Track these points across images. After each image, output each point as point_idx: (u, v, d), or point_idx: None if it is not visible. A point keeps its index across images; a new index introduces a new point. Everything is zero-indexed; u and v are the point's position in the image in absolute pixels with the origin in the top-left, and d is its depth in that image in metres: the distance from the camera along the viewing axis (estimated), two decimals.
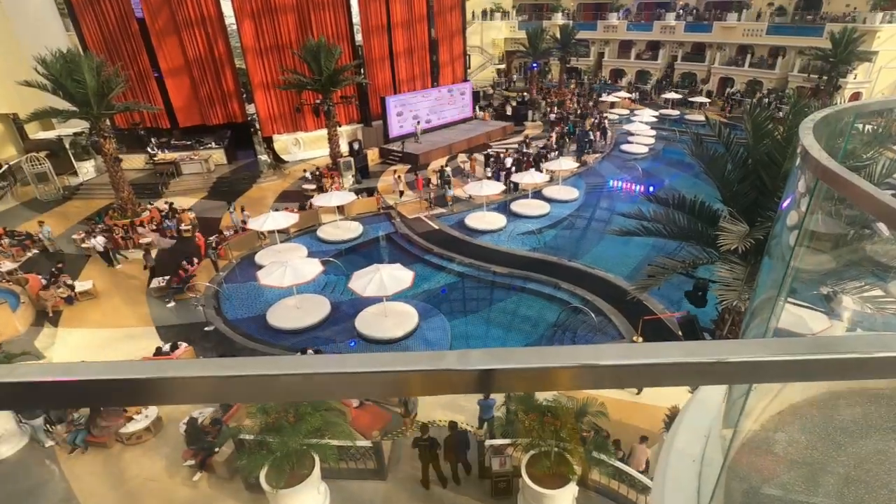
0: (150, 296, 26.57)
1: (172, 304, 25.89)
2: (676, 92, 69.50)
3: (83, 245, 30.68)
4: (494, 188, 34.33)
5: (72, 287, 26.05)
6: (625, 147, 50.77)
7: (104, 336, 23.32)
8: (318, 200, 33.06)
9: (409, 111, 51.11)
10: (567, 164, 39.99)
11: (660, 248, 26.82)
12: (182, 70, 43.48)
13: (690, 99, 66.26)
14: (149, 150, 42.90)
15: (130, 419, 17.48)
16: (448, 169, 40.39)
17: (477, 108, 61.24)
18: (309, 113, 44.02)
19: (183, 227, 33.02)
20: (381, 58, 50.62)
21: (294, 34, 44.07)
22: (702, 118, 53.54)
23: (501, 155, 43.86)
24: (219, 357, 1.23)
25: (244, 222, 31.59)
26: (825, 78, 55.53)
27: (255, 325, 24.97)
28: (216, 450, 15.78)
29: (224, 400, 1.27)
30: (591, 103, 66.70)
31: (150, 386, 1.16)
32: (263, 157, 47.53)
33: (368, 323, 24.20)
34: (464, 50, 61.87)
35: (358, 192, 37.94)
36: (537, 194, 38.01)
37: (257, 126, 48.27)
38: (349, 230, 33.63)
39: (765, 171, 14.97)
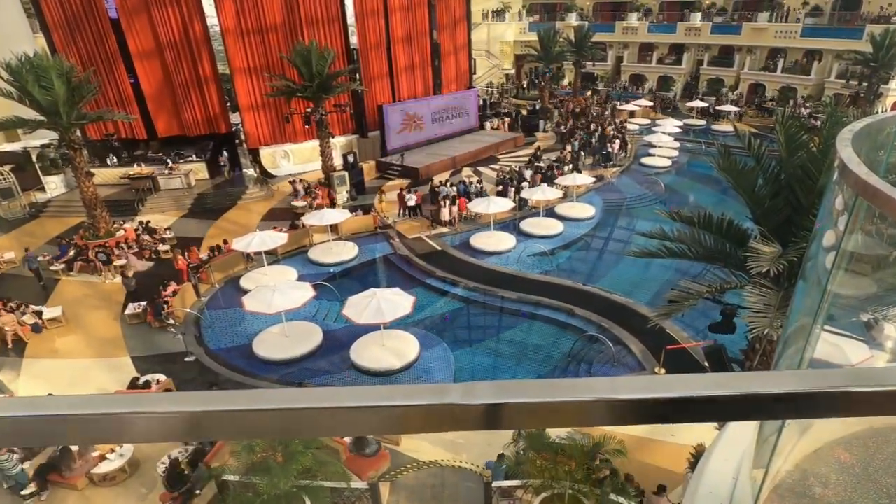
0: (124, 323, 26.53)
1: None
2: (702, 100, 69.43)
3: (51, 268, 30.72)
4: (502, 205, 34.38)
5: (39, 314, 26.04)
6: (646, 160, 50.88)
7: (74, 367, 23.28)
8: (309, 219, 33.06)
9: (411, 120, 51.29)
10: (582, 178, 39.99)
11: (684, 271, 26.81)
12: (160, 75, 43.52)
13: (718, 107, 66.36)
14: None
15: (103, 458, 17.42)
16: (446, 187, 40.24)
17: (494, 117, 61.75)
18: (299, 123, 43.57)
19: (161, 247, 33.04)
20: (381, 75, 50.92)
21: (285, 51, 44.02)
22: (730, 128, 53.58)
23: (518, 168, 44.10)
24: (200, 390, 1.23)
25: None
26: (865, 84, 55.58)
27: (240, 355, 24.92)
28: (197, 492, 15.71)
29: (206, 437, 1.24)
30: (607, 112, 66.68)
31: (125, 422, 1.15)
32: (249, 171, 47.36)
33: (364, 353, 24.10)
34: (469, 65, 62.05)
35: (353, 209, 38.03)
36: (549, 212, 38.05)
37: (242, 137, 48.32)
38: (343, 251, 33.56)
39: (799, 186, 14.92)
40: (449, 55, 57.36)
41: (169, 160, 43.83)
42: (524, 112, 65.04)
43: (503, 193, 38.87)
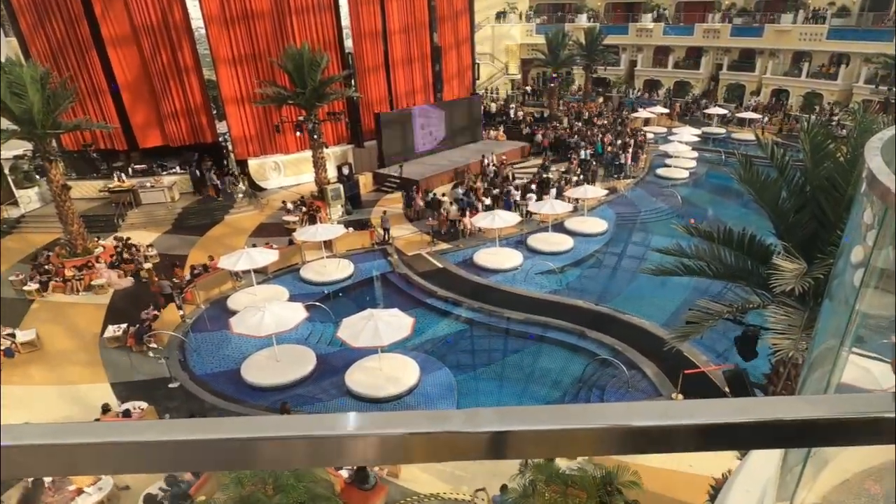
0: (103, 347, 26.49)
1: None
2: (722, 106, 69.32)
3: (24, 288, 30.72)
4: (508, 220, 34.35)
5: (12, 337, 25.99)
6: (661, 171, 50.94)
7: (50, 394, 23.25)
8: (302, 235, 33.06)
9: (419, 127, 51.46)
10: (593, 191, 39.98)
11: (702, 289, 26.81)
12: (142, 82, 43.39)
13: (738, 115, 66.44)
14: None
15: (81, 492, 17.36)
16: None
17: (489, 126, 61.71)
18: (290, 132, 43.45)
19: (144, 266, 32.96)
20: (376, 67, 50.85)
21: (273, 44, 44.13)
22: (751, 137, 53.49)
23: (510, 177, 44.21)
24: (184, 418, 1.23)
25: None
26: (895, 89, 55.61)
27: (228, 381, 24.89)
28: None
29: (191, 468, 1.24)
30: (619, 120, 66.53)
31: (105, 452, 1.13)
32: (238, 184, 47.22)
33: (360, 378, 24.05)
34: (472, 60, 62.11)
35: (348, 224, 38.02)
36: (558, 227, 38.10)
37: (230, 147, 48.38)
38: (338, 269, 33.49)
39: (825, 198, 14.92)
40: (450, 57, 57.50)
41: (158, 170, 43.86)
42: (529, 120, 64.92)
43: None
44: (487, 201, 40.33)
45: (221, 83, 44.24)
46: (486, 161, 49.93)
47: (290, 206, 40.67)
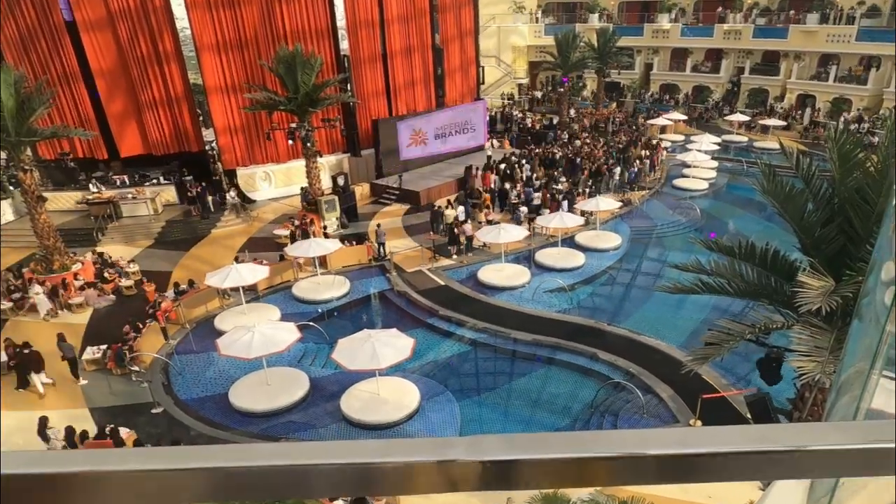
0: (82, 369, 26.38)
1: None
2: (743, 113, 69.35)
3: None
4: (515, 234, 34.30)
5: None
6: (679, 182, 50.95)
7: (24, 420, 23.19)
8: (294, 250, 33.06)
9: (415, 135, 51.36)
10: (606, 203, 39.70)
11: (723, 308, 26.83)
12: (123, 87, 43.41)
13: (761, 121, 66.41)
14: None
15: None
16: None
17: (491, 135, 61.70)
18: (282, 140, 43.36)
19: (124, 283, 32.98)
20: (373, 63, 50.79)
21: (263, 43, 44.17)
22: (775, 145, 53.39)
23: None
24: (168, 445, 1.23)
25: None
26: None
27: (215, 406, 24.93)
28: None
29: (174, 500, 1.21)
30: (634, 127, 66.61)
31: (84, 482, 1.12)
32: (226, 196, 47.06)
33: (356, 403, 24.02)
34: (476, 59, 62.15)
35: (344, 238, 37.99)
36: (569, 241, 38.10)
37: (216, 156, 48.21)
38: (333, 287, 33.51)
39: (854, 211, 14.92)
40: (454, 61, 57.58)
41: (141, 181, 43.79)
42: (537, 127, 65.00)
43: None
44: (492, 216, 40.34)
45: (209, 90, 44.22)
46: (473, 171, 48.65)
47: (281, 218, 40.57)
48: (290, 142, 41.45)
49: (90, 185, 43.18)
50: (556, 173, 48.61)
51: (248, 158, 46.76)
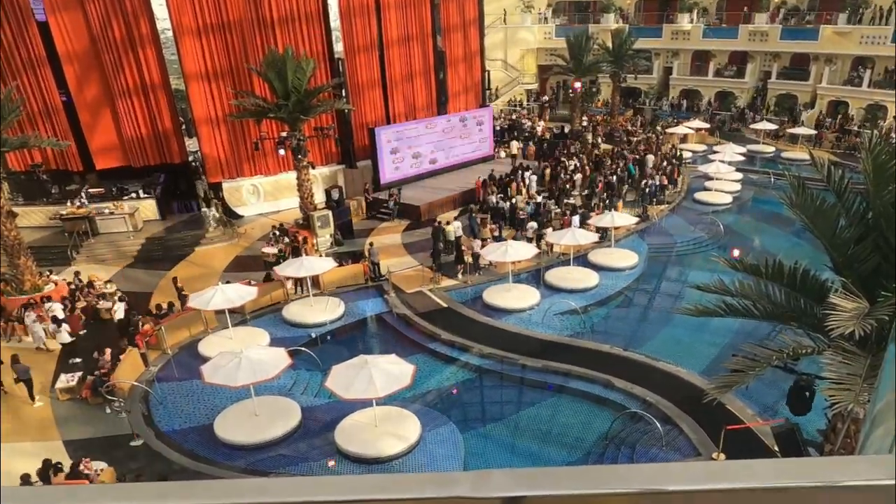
0: (55, 399, 26.44)
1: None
2: (770, 121, 68.73)
3: None
4: (523, 252, 34.21)
5: None
6: (700, 196, 50.89)
7: None
8: (284, 269, 32.94)
9: (406, 147, 50.86)
10: (622, 219, 39.46)
11: (748, 332, 26.70)
12: (100, 93, 43.28)
13: (790, 130, 66.13)
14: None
15: None
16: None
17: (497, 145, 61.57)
18: (271, 150, 43.12)
19: (101, 305, 32.86)
20: (372, 88, 50.91)
21: (252, 56, 43.98)
22: (805, 156, 53.13)
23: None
24: (149, 482, 1.34)
25: None
26: None
27: (199, 438, 24.82)
28: None
29: None
30: (652, 135, 66.13)
31: None
32: (209, 211, 46.24)
33: (352, 435, 23.98)
34: (481, 62, 62.11)
35: (338, 257, 38.00)
36: (581, 259, 38.13)
37: (201, 168, 48.09)
38: (326, 309, 33.34)
39: (890, 227, 14.88)
40: (457, 63, 57.72)
41: (118, 195, 43.67)
42: (548, 136, 64.94)
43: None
44: (496, 232, 40.34)
45: (192, 96, 44.21)
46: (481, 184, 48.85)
47: (270, 234, 40.53)
48: (281, 152, 41.18)
49: (77, 199, 42.83)
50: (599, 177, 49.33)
51: (235, 170, 46.66)
